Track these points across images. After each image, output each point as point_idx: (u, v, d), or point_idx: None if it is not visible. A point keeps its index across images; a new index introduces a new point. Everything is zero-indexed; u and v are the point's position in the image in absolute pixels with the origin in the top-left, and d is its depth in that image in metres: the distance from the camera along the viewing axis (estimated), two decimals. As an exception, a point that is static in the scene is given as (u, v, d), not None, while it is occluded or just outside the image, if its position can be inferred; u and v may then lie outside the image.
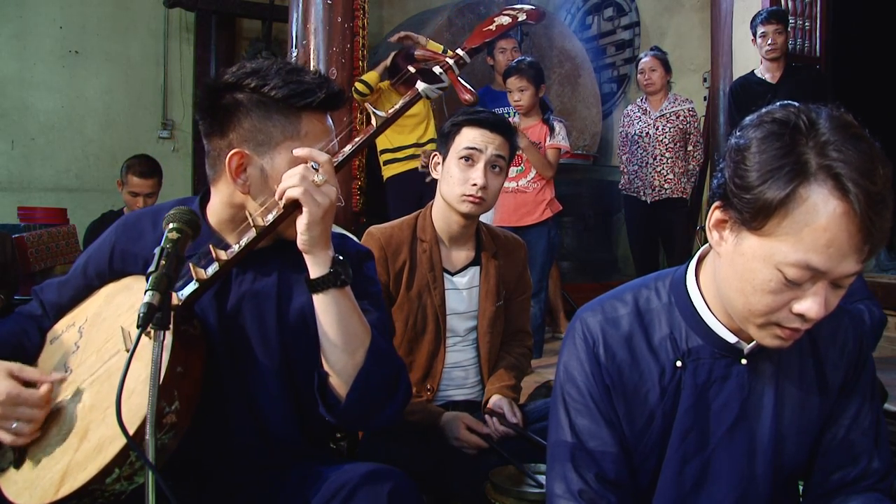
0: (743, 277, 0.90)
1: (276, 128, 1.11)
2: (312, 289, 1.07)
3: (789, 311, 0.89)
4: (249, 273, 1.18)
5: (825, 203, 0.82)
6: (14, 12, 5.10)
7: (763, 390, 1.01)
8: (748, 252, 0.89)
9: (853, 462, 1.03)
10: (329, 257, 1.07)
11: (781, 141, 0.85)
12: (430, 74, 1.23)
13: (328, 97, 1.14)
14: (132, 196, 3.24)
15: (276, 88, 1.11)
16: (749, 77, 3.82)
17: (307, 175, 1.04)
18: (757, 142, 0.87)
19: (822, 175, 0.82)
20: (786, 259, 0.85)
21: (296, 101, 1.11)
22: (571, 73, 5.46)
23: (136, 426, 0.93)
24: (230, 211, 1.17)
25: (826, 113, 0.86)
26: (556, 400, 1.06)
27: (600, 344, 1.03)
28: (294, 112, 1.12)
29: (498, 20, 1.28)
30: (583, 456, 1.01)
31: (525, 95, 3.36)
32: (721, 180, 0.92)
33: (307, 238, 1.05)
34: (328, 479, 1.08)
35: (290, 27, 3.53)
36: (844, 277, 0.86)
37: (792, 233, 0.84)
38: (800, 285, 0.87)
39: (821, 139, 0.84)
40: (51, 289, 1.28)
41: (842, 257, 0.84)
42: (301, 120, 1.12)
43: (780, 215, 0.84)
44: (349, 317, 1.08)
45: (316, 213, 1.03)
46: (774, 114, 0.88)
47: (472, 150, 1.69)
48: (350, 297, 1.09)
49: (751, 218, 0.86)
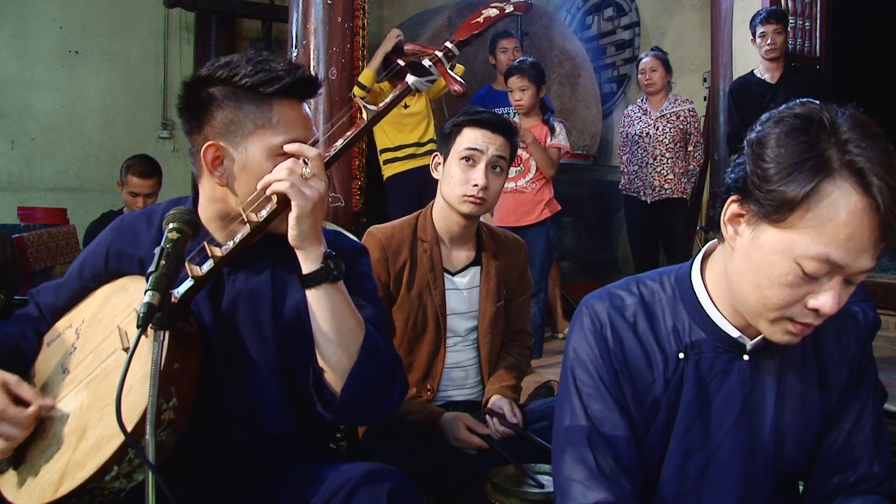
0: (759, 271, 0.90)
1: (247, 117, 1.11)
2: (305, 284, 1.07)
3: (804, 305, 0.90)
4: (242, 272, 1.18)
5: (847, 198, 0.83)
6: (14, 12, 5.10)
7: (765, 388, 1.02)
8: (766, 245, 0.89)
9: (854, 466, 1.03)
10: (321, 253, 1.07)
11: (806, 135, 0.86)
12: (420, 67, 1.24)
13: (297, 82, 1.13)
14: (132, 196, 3.23)
15: (246, 77, 1.11)
16: (749, 77, 3.82)
17: (295, 169, 1.04)
18: (779, 135, 0.88)
19: (845, 171, 0.84)
20: (806, 252, 0.86)
21: (265, 88, 1.11)
22: (571, 73, 5.46)
23: (133, 423, 0.93)
24: (215, 206, 1.17)
25: (844, 112, 0.88)
26: (568, 385, 1.05)
27: (608, 328, 1.03)
28: (265, 100, 1.12)
29: (486, 12, 1.29)
30: (599, 440, 1.00)
31: (526, 95, 3.37)
32: (740, 174, 0.92)
33: (297, 233, 1.05)
34: (328, 478, 1.08)
35: (290, 27, 3.53)
36: (858, 273, 0.87)
37: (814, 226, 0.85)
38: (817, 279, 0.88)
39: (842, 136, 0.85)
40: (47, 291, 1.28)
41: (860, 252, 0.85)
42: (272, 107, 1.12)
43: (803, 209, 0.85)
44: (342, 312, 1.08)
45: (304, 207, 1.03)
46: (796, 109, 0.90)
47: (473, 151, 1.69)
48: (343, 292, 1.09)
49: (773, 211, 0.87)
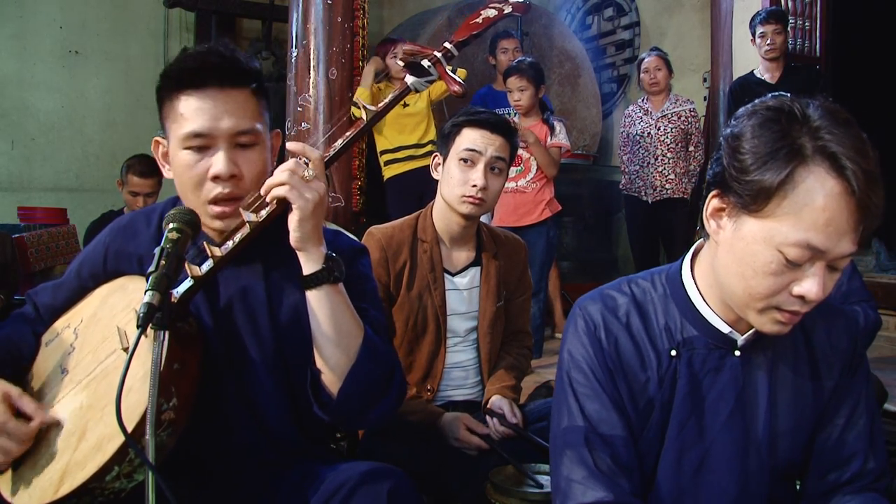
0: (743, 261, 0.92)
1: (168, 111, 1.12)
2: (305, 285, 1.07)
3: (789, 293, 0.90)
4: (236, 273, 1.17)
5: (823, 183, 0.85)
6: (14, 12, 5.10)
7: (757, 383, 1.02)
8: (748, 235, 0.91)
9: (848, 462, 1.03)
10: (322, 254, 1.07)
11: (778, 125, 0.88)
12: (419, 68, 1.24)
13: (185, 74, 1.09)
14: (132, 196, 3.23)
15: (165, 73, 1.12)
16: (748, 77, 3.82)
17: (296, 171, 1.03)
18: (753, 127, 0.90)
19: (818, 156, 0.85)
20: (786, 239, 0.87)
21: (169, 82, 1.11)
22: (571, 73, 5.46)
23: (134, 423, 0.93)
24: (184, 202, 1.16)
25: (815, 102, 0.90)
26: (563, 386, 1.06)
27: (601, 329, 1.04)
28: (175, 93, 1.11)
29: (485, 13, 1.29)
30: (596, 439, 1.01)
31: (525, 95, 3.38)
32: (717, 169, 0.94)
33: (299, 235, 1.05)
34: (327, 478, 1.08)
35: (290, 27, 3.53)
36: (841, 258, 0.89)
37: (792, 213, 0.86)
38: (800, 266, 0.89)
39: (813, 124, 0.87)
40: (45, 292, 1.28)
41: (840, 236, 0.86)
42: (179, 99, 1.10)
43: (779, 196, 0.87)
44: (342, 313, 1.08)
45: (305, 209, 1.03)
46: (768, 102, 0.92)
47: (472, 152, 1.69)
48: (343, 293, 1.09)
49: (751, 201, 0.89)
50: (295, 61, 3.52)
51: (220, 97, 1.09)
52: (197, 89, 1.09)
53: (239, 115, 1.10)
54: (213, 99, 1.09)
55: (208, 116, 1.08)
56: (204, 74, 1.08)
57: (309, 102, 3.47)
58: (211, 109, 1.08)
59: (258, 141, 1.13)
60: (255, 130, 1.12)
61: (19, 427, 1.03)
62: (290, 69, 3.56)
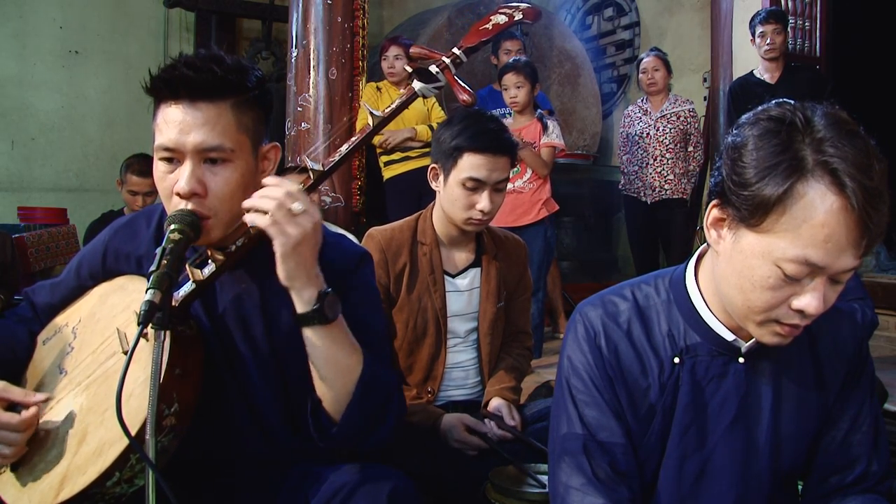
0: (742, 274, 0.90)
1: (154, 115, 1.07)
2: (297, 323, 1.02)
3: (788, 307, 0.89)
4: (232, 281, 1.15)
5: (823, 198, 0.83)
6: (14, 12, 5.09)
7: (761, 390, 1.02)
8: (747, 249, 0.89)
9: (852, 464, 1.03)
10: (313, 294, 1.00)
11: (778, 138, 0.85)
12: (427, 73, 1.20)
13: (160, 84, 1.04)
14: (132, 195, 3.23)
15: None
16: (748, 77, 3.81)
17: (284, 203, 0.96)
18: (754, 139, 0.87)
19: (819, 171, 0.83)
20: (784, 255, 0.85)
21: (148, 90, 1.06)
22: (571, 73, 5.46)
23: (135, 429, 0.93)
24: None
25: (821, 110, 0.87)
26: (563, 393, 1.05)
27: (602, 336, 1.03)
28: (157, 102, 1.06)
29: (494, 19, 1.26)
30: (595, 446, 1.00)
31: (521, 92, 3.41)
32: (718, 178, 0.93)
33: (283, 271, 0.99)
34: (328, 479, 1.08)
35: (290, 27, 3.53)
36: (843, 272, 0.87)
37: (790, 229, 0.84)
38: (799, 281, 0.87)
39: (817, 136, 0.84)
40: (43, 290, 1.27)
41: (840, 252, 0.84)
42: (160, 109, 1.05)
43: (777, 211, 0.85)
44: (337, 350, 1.04)
45: (286, 245, 0.96)
46: (770, 111, 0.89)
47: (476, 182, 1.65)
48: (339, 328, 1.04)
49: (749, 215, 0.87)
50: (295, 61, 3.53)
51: (191, 110, 1.03)
52: (173, 101, 1.04)
53: (207, 130, 1.02)
54: (184, 112, 1.03)
55: (177, 130, 1.02)
56: (174, 86, 1.03)
57: (309, 102, 3.47)
58: (180, 123, 1.03)
59: (231, 158, 1.05)
60: (224, 147, 1.04)
61: (12, 418, 1.03)
62: (290, 69, 3.57)
